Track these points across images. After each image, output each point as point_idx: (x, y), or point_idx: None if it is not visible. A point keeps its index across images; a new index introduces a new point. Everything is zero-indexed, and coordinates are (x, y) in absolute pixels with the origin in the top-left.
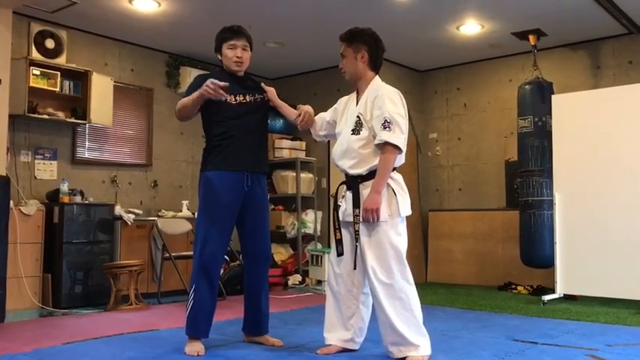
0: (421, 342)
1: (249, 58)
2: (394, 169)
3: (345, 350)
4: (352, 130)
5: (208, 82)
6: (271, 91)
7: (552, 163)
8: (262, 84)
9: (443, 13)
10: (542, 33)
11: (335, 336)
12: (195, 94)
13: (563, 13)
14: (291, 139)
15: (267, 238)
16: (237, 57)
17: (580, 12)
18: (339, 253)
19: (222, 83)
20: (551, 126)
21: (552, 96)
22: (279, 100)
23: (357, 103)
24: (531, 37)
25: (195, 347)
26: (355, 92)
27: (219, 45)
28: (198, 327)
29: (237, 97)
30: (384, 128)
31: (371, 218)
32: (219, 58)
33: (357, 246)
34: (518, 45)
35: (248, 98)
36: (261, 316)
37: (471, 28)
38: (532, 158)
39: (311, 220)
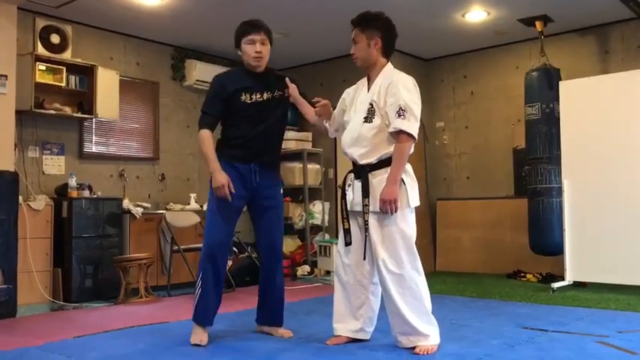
0: (431, 331)
1: (269, 51)
2: None
3: (354, 340)
4: (364, 118)
5: (224, 185)
6: (293, 88)
7: (560, 150)
8: (287, 79)
9: (448, 1)
10: (548, 19)
11: (344, 326)
12: (214, 167)
13: None
14: (298, 131)
15: (277, 231)
16: (257, 52)
17: None
18: (347, 243)
19: (232, 192)
20: (559, 113)
21: (560, 82)
22: (300, 97)
23: (368, 90)
24: (538, 24)
25: (200, 336)
26: (365, 79)
27: (238, 40)
28: (206, 315)
29: (254, 96)
30: (399, 116)
31: (389, 209)
32: (239, 53)
33: (366, 236)
34: (525, 31)
35: (265, 96)
36: (272, 308)
37: (476, 15)
38: (540, 145)
39: (318, 211)
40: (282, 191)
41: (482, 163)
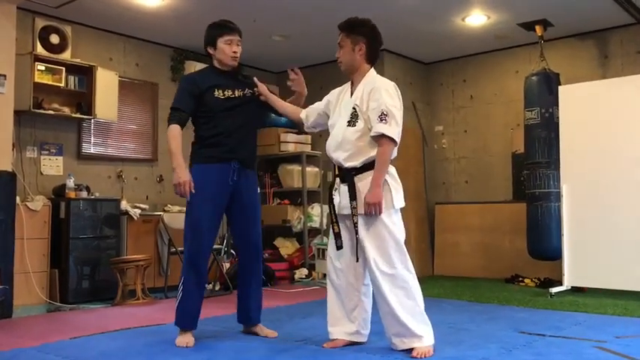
0: (424, 331)
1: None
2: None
3: (351, 343)
4: (348, 122)
5: (185, 182)
6: (262, 86)
7: (559, 155)
8: (255, 78)
9: (448, 5)
10: (548, 23)
11: (340, 330)
12: (178, 163)
13: (570, 2)
14: (297, 133)
15: (256, 230)
16: (234, 52)
17: (587, 1)
18: (339, 247)
19: (187, 196)
20: (558, 117)
21: (559, 87)
22: (270, 94)
23: (351, 95)
24: (538, 28)
25: (185, 339)
26: (349, 83)
27: (213, 40)
28: (186, 319)
29: (226, 92)
30: (381, 120)
31: (374, 212)
32: (210, 52)
33: (357, 239)
34: (525, 36)
35: (237, 93)
36: (250, 305)
37: (476, 19)
38: (539, 150)
39: (317, 213)
40: (257, 190)
41: (481, 168)
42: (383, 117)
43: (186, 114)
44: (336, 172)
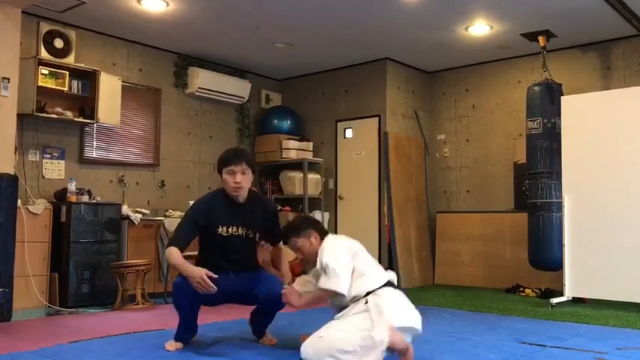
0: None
1: (251, 179)
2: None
3: None
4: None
5: (201, 276)
6: (266, 253)
7: (561, 165)
8: (264, 244)
9: (452, 14)
10: (551, 34)
11: None
12: (186, 268)
13: (573, 14)
14: (299, 140)
15: (277, 284)
16: (236, 182)
17: (590, 13)
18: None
19: (212, 288)
20: (560, 128)
21: (562, 97)
22: (267, 263)
23: None
24: (541, 38)
25: (174, 345)
26: None
27: (220, 171)
28: (182, 337)
29: (230, 229)
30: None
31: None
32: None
33: None
34: (528, 46)
35: (240, 231)
36: (264, 324)
37: (479, 29)
38: (541, 160)
39: None
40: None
41: (483, 177)
42: (324, 271)
43: (186, 244)
44: None
